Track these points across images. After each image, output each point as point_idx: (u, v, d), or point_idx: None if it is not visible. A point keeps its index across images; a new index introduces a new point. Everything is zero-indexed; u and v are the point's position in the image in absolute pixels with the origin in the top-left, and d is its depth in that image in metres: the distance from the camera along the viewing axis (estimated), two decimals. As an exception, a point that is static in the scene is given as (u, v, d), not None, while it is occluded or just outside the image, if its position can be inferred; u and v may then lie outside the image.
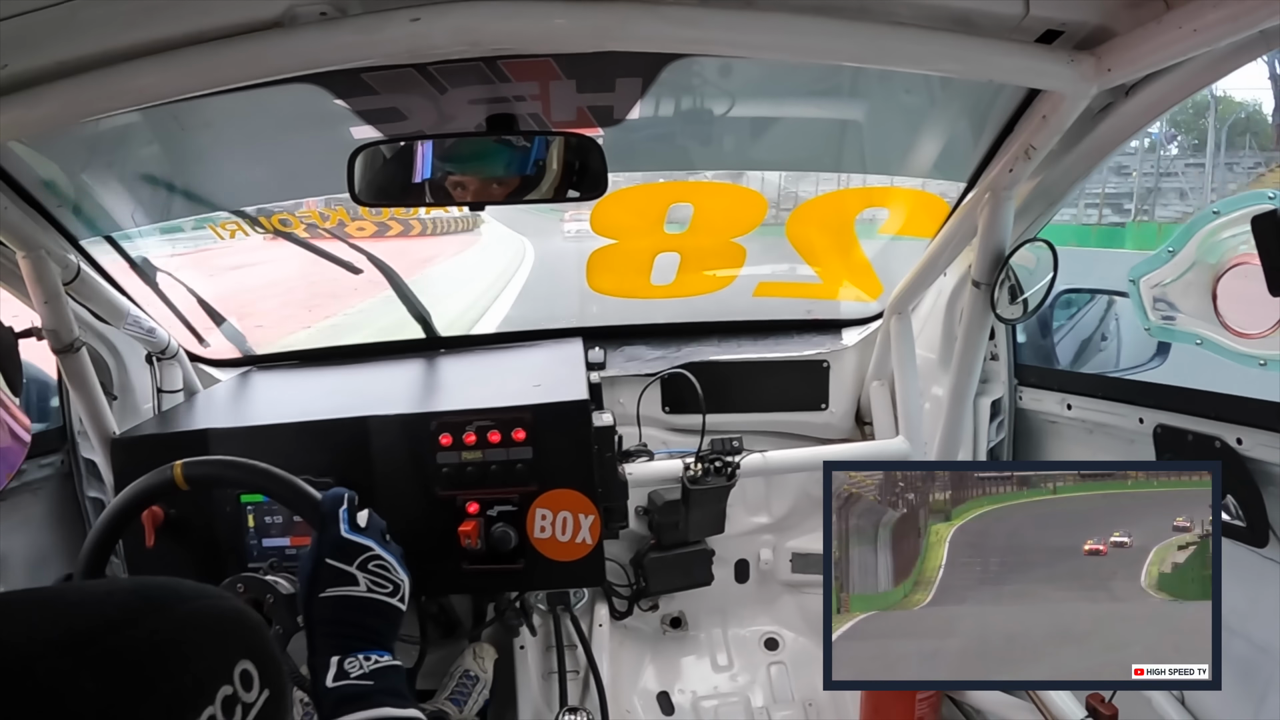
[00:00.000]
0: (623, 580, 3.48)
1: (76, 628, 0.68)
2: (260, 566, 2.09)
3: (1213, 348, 2.24)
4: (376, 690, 1.47)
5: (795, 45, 1.78)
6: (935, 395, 3.25)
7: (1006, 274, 2.51)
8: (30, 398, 3.02)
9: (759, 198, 3.62)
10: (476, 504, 2.33)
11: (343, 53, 1.70)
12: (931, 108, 2.63)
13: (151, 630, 0.73)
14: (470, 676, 3.04)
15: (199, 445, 2.32)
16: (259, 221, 3.35)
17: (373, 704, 1.44)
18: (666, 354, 3.55)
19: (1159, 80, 1.97)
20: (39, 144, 2.21)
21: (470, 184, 2.29)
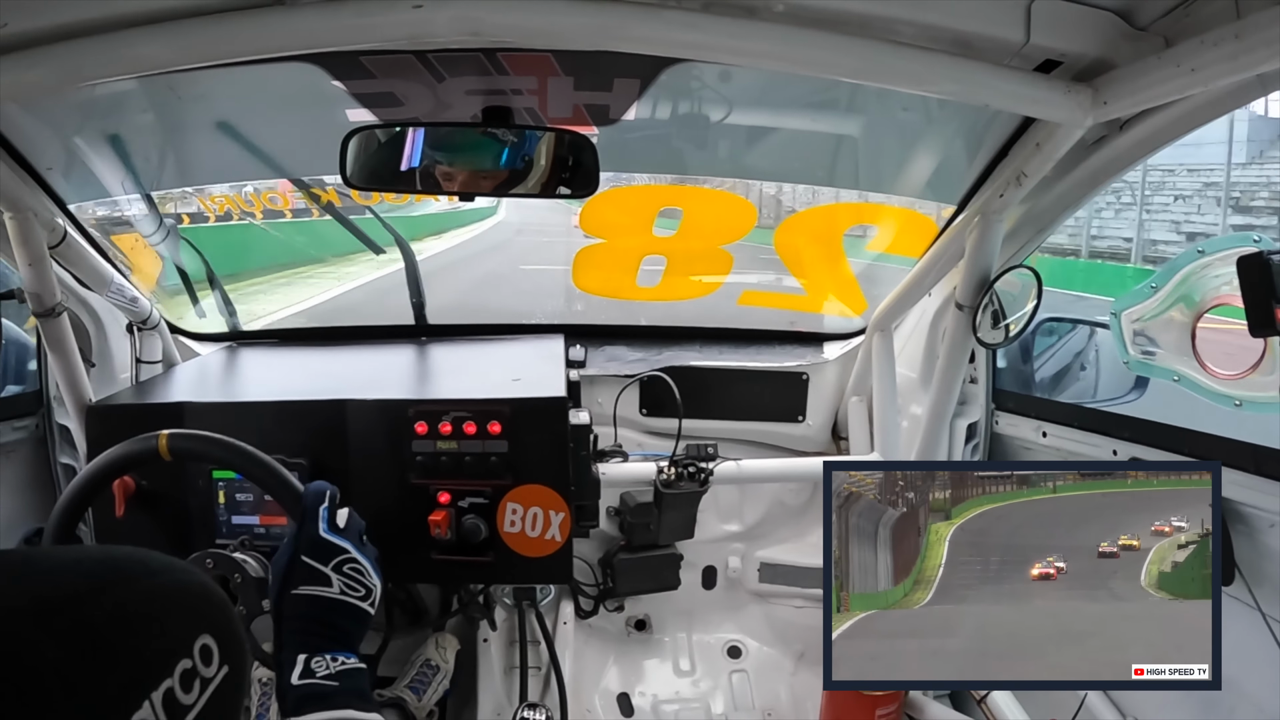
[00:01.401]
0: (590, 579, 3.48)
1: (43, 595, 0.69)
2: (229, 543, 2.09)
3: (1190, 385, 2.26)
4: (341, 691, 1.47)
5: (795, 57, 1.78)
6: (913, 414, 3.25)
7: (991, 298, 2.52)
8: (8, 360, 3.01)
9: (749, 206, 3.64)
10: (448, 494, 2.33)
11: (343, 34, 1.70)
12: (927, 127, 2.64)
13: (117, 602, 0.73)
14: (431, 666, 3.03)
15: (175, 418, 2.31)
16: (312, 191, 3.38)
17: (336, 705, 1.44)
18: (647, 356, 3.55)
19: (1154, 116, 1.99)
20: (34, 105, 2.20)
21: (459, 174, 2.30)
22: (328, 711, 1.42)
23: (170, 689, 0.72)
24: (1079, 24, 1.72)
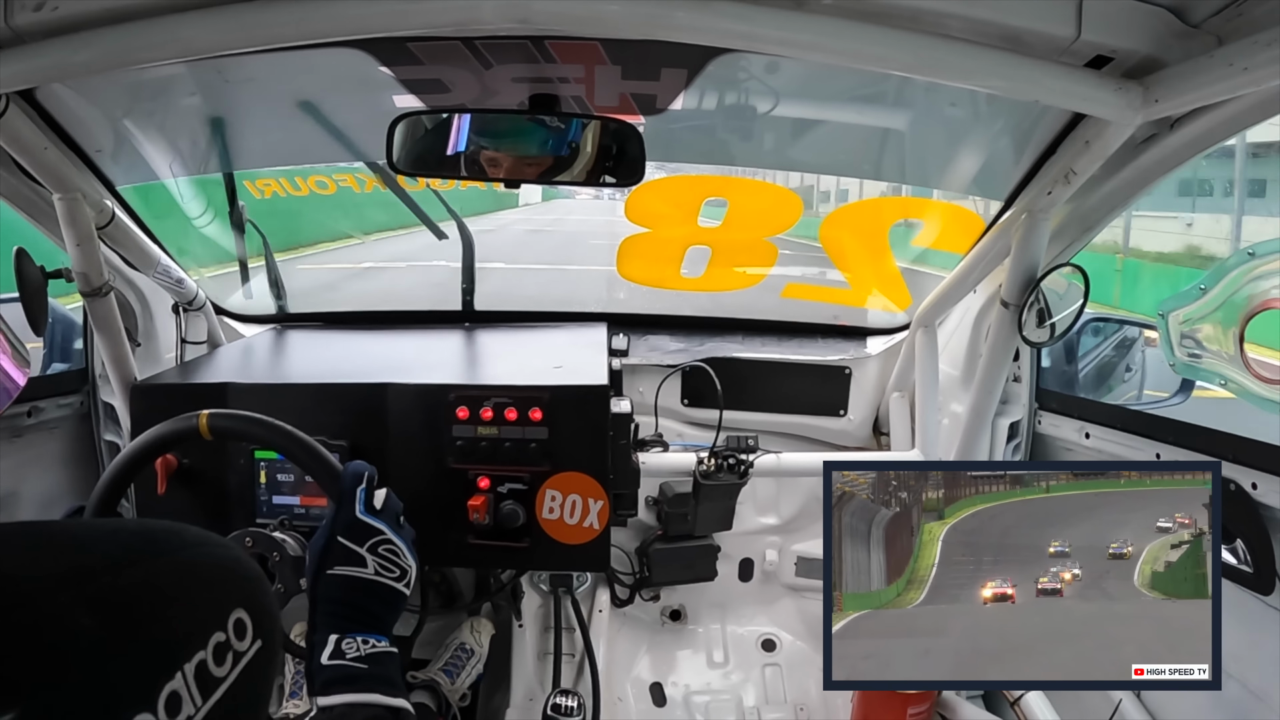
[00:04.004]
0: (626, 568, 3.49)
1: (79, 564, 0.69)
2: (269, 523, 2.11)
3: (1236, 389, 2.22)
4: (369, 675, 1.48)
5: (843, 49, 1.76)
6: (954, 412, 3.23)
7: (1036, 297, 2.49)
8: (55, 338, 3.05)
9: (795, 198, 3.62)
10: (488, 479, 2.34)
11: (391, 20, 1.70)
12: (975, 123, 2.61)
13: (151, 572, 0.74)
14: (465, 649, 3.05)
15: (218, 397, 2.34)
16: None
17: (363, 688, 1.45)
18: (689, 346, 3.55)
19: (1205, 115, 1.95)
20: (83, 87, 2.22)
21: (504, 160, 2.31)
22: (353, 695, 1.43)
23: (203, 660, 0.72)
24: (1130, 20, 1.70)
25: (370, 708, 1.43)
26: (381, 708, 1.44)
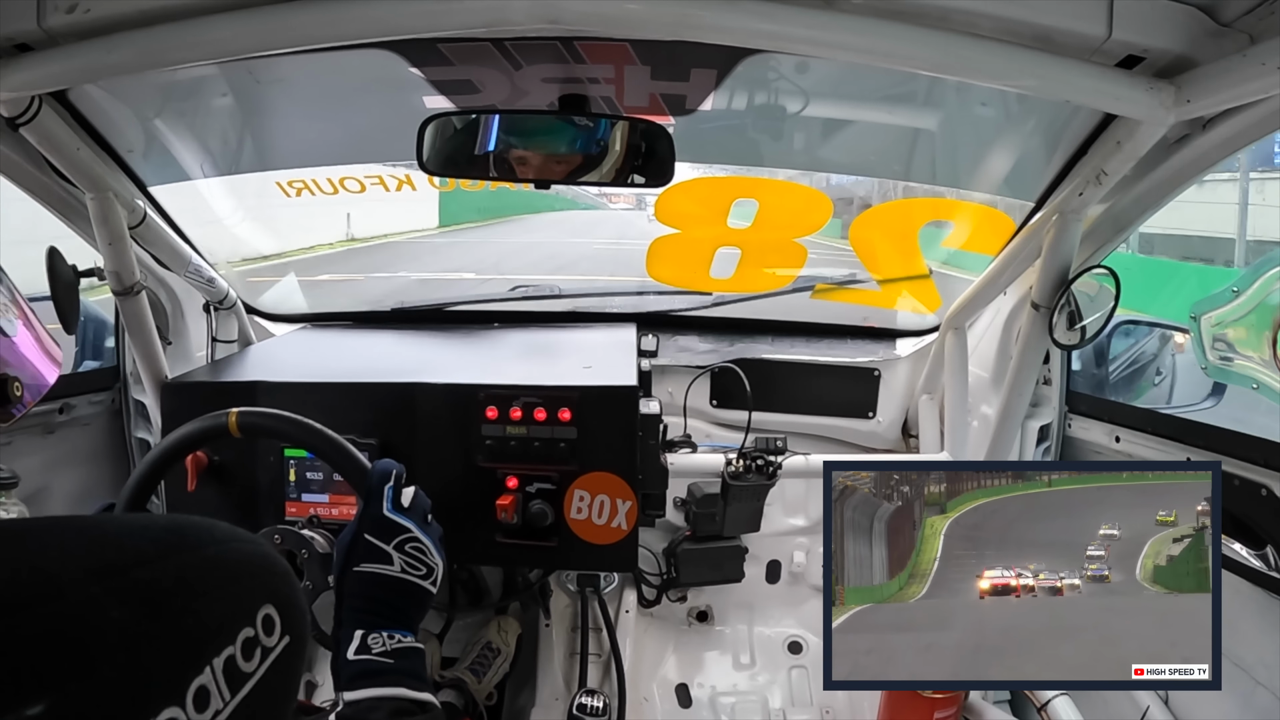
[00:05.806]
0: (654, 569, 3.47)
1: (109, 558, 0.69)
2: (298, 520, 2.12)
3: (1269, 393, 2.20)
4: (395, 670, 1.48)
5: (874, 49, 1.76)
6: (984, 414, 3.21)
7: (1067, 299, 2.47)
8: (87, 336, 3.08)
9: (824, 199, 3.60)
10: (516, 479, 2.34)
11: (421, 21, 1.70)
12: (1005, 123, 2.59)
13: (181, 566, 0.74)
14: (492, 648, 3.06)
15: (249, 396, 2.35)
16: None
17: (389, 683, 1.46)
18: (719, 347, 3.55)
19: (1238, 115, 1.93)
20: (115, 88, 2.24)
21: (533, 160, 2.31)
22: (380, 689, 1.44)
23: (232, 656, 0.73)
24: (1162, 19, 1.68)
25: (396, 701, 1.44)
26: (408, 701, 1.45)
